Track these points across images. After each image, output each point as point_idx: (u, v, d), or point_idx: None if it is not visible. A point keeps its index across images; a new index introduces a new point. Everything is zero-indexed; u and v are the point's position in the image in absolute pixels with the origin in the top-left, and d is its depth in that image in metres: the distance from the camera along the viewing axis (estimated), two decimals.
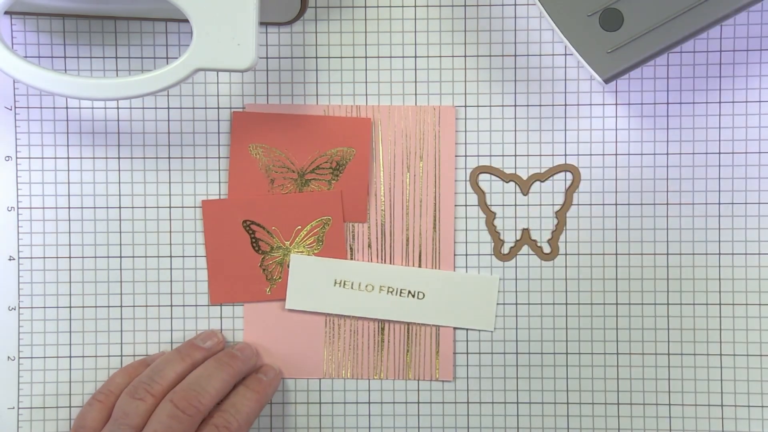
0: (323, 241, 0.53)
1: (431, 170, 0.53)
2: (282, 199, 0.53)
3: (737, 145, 0.53)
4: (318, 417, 0.54)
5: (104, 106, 0.53)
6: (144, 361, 0.53)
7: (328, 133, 0.53)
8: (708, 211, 0.53)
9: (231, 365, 0.50)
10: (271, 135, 0.53)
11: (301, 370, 0.54)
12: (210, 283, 0.54)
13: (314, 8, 0.53)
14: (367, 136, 0.53)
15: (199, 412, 0.48)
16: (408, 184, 0.53)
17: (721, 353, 0.53)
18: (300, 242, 0.53)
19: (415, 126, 0.53)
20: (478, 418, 0.54)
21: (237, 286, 0.54)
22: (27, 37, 0.53)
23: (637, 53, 0.48)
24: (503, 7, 0.53)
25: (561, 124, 0.53)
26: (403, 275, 0.53)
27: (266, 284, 0.54)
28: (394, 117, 0.53)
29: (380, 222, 0.54)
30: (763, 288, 0.53)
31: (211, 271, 0.54)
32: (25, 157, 0.54)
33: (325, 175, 0.53)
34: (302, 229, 0.53)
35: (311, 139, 0.53)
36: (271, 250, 0.53)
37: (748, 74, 0.53)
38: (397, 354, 0.54)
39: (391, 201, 0.53)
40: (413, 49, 0.53)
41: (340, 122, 0.53)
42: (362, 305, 0.53)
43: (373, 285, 0.53)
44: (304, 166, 0.53)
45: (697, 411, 0.53)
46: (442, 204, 0.53)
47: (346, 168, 0.53)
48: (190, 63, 0.47)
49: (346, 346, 0.54)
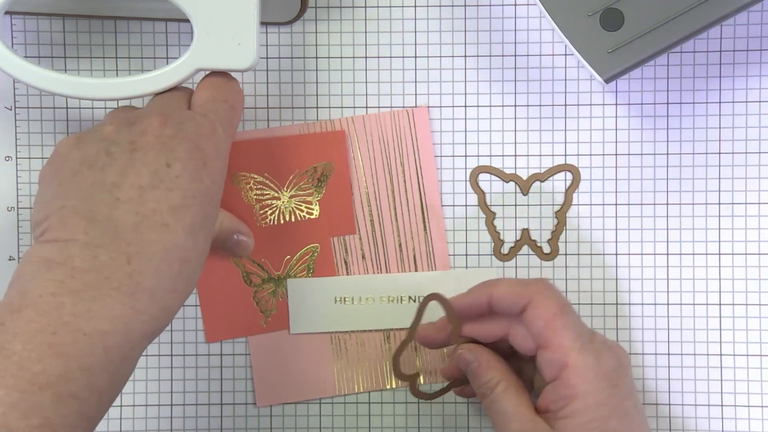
0: (313, 268, 0.53)
1: (413, 173, 0.53)
2: (269, 231, 0.53)
3: (737, 145, 0.53)
4: (318, 417, 0.54)
5: (104, 106, 0.53)
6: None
7: (305, 151, 0.53)
8: (708, 211, 0.53)
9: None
10: (248, 162, 0.53)
11: (314, 390, 0.54)
12: (205, 322, 0.53)
13: (314, 8, 0.53)
14: (343, 148, 0.53)
15: None
16: (391, 190, 0.53)
17: (721, 353, 0.53)
18: (290, 272, 0.53)
19: (391, 131, 0.53)
20: (478, 418, 0.54)
21: (232, 321, 0.53)
22: (27, 37, 0.53)
23: (638, 53, 0.48)
24: (503, 7, 0.53)
25: (561, 124, 0.53)
26: (400, 282, 0.53)
27: (261, 317, 0.53)
28: (370, 125, 0.53)
29: (370, 231, 0.53)
30: (763, 288, 0.53)
31: (205, 309, 0.53)
32: (25, 157, 0.54)
33: (309, 192, 0.53)
34: (291, 258, 0.53)
35: (288, 160, 0.53)
36: (262, 283, 0.53)
37: (748, 74, 0.53)
38: (407, 360, 0.54)
39: (378, 209, 0.53)
40: (413, 49, 0.53)
41: (314, 139, 0.53)
42: (366, 318, 0.53)
43: (373, 297, 0.53)
44: (286, 187, 0.53)
45: (697, 411, 0.53)
46: (428, 204, 0.53)
47: (328, 183, 0.53)
48: (190, 63, 0.47)
49: (355, 360, 0.54)
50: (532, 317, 0.46)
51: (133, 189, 0.42)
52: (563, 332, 0.45)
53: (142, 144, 0.43)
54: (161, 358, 0.54)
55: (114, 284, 0.41)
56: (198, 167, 0.43)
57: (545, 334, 0.45)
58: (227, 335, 0.53)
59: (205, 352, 0.54)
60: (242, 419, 0.54)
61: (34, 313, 0.39)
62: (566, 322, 0.45)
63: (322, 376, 0.54)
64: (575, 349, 0.45)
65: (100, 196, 0.42)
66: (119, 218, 0.42)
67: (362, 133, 0.53)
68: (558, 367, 0.45)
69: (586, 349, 0.45)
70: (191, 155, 0.43)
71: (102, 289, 0.40)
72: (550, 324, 0.45)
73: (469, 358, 0.48)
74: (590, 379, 0.44)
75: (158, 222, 0.42)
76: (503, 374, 0.47)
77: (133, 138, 0.43)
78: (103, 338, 0.40)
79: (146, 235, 0.42)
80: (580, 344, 0.45)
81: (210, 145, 0.44)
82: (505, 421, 0.46)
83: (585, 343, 0.45)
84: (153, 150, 0.43)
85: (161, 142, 0.43)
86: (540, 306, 0.46)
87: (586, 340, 0.45)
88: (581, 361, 0.44)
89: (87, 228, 0.41)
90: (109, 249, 0.41)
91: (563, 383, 0.45)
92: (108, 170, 0.42)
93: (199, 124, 0.44)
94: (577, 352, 0.45)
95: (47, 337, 0.39)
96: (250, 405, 0.54)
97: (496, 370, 0.48)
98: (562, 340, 0.45)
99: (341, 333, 0.54)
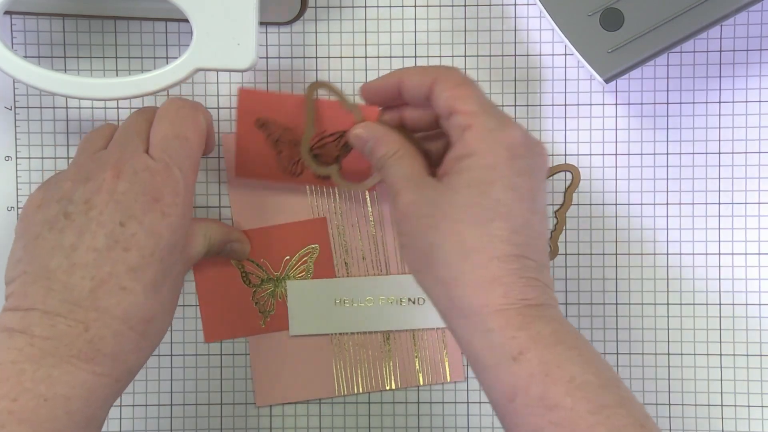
0: (312, 269, 0.53)
1: None
2: (268, 231, 0.53)
3: (737, 145, 0.53)
4: (318, 417, 0.54)
5: (104, 106, 0.53)
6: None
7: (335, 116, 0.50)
8: (708, 211, 0.53)
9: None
10: (277, 113, 0.50)
11: (314, 391, 0.54)
12: (204, 322, 0.53)
13: (314, 8, 0.53)
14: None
15: None
16: None
17: (721, 353, 0.53)
18: (290, 272, 0.53)
19: None
20: (478, 418, 0.54)
21: (231, 321, 0.53)
22: (27, 37, 0.53)
23: (638, 53, 0.48)
24: (503, 7, 0.53)
25: (561, 124, 0.53)
26: (400, 284, 0.53)
27: (260, 317, 0.53)
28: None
29: (371, 233, 0.53)
30: (763, 288, 0.53)
31: (203, 309, 0.53)
32: (25, 157, 0.54)
33: (331, 151, 0.51)
34: (291, 258, 0.53)
35: (316, 123, 0.50)
36: (261, 283, 0.53)
37: (748, 74, 0.53)
38: (406, 361, 0.54)
39: (379, 210, 0.53)
40: (413, 49, 0.53)
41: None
42: (365, 320, 0.53)
43: (372, 298, 0.53)
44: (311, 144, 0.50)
45: (697, 411, 0.53)
46: None
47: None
48: (190, 63, 0.47)
49: (354, 361, 0.54)
50: (440, 90, 0.44)
51: (90, 252, 0.42)
52: (468, 99, 0.43)
53: (97, 202, 0.43)
54: (161, 358, 0.54)
55: (73, 351, 0.41)
56: (155, 221, 0.43)
57: (451, 103, 0.43)
58: (226, 335, 0.53)
59: (205, 352, 0.54)
60: (242, 419, 0.54)
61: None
62: (471, 91, 0.44)
63: (321, 376, 0.53)
64: (479, 114, 0.43)
65: (58, 262, 0.42)
66: (76, 284, 0.42)
67: None
68: (461, 130, 0.43)
69: (489, 114, 0.43)
70: (147, 209, 0.43)
71: (62, 356, 0.41)
72: (456, 93, 0.44)
73: (365, 135, 0.47)
74: (487, 140, 0.43)
75: (116, 286, 0.42)
76: (401, 144, 0.46)
77: (88, 196, 0.43)
78: (65, 403, 0.40)
79: (104, 300, 0.42)
80: (483, 110, 0.43)
81: (167, 192, 0.44)
82: (394, 184, 0.44)
83: (489, 110, 0.43)
84: (107, 208, 0.43)
85: (116, 199, 0.43)
86: (446, 80, 0.44)
87: (492, 108, 0.44)
88: (482, 122, 0.43)
89: (45, 297, 0.42)
90: (67, 318, 0.41)
91: (462, 144, 0.43)
92: (66, 232, 0.43)
93: (154, 171, 0.44)
94: (481, 116, 0.43)
95: (8, 404, 0.40)
96: (250, 405, 0.54)
97: (394, 142, 0.46)
98: (468, 105, 0.43)
99: (341, 334, 0.54)
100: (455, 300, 0.42)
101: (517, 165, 0.42)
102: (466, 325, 0.42)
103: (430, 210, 0.43)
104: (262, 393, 0.54)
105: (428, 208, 0.43)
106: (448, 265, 0.42)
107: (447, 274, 0.42)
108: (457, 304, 0.42)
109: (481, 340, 0.41)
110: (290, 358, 0.53)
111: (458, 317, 0.42)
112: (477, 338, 0.41)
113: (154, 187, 0.43)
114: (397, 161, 0.45)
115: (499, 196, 0.42)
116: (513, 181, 0.42)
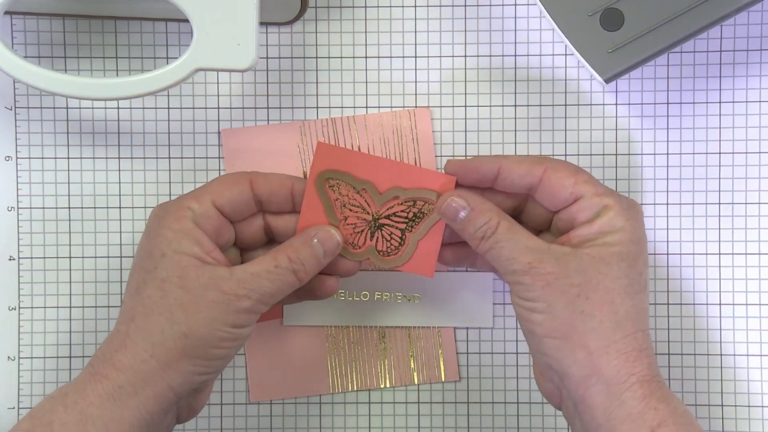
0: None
1: None
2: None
3: (737, 145, 0.53)
4: (318, 417, 0.54)
5: (104, 106, 0.53)
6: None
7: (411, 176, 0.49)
8: (708, 211, 0.53)
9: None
10: (353, 169, 0.49)
11: (307, 387, 0.54)
12: None
13: (314, 8, 0.53)
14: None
15: None
16: None
17: (721, 353, 0.53)
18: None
19: (392, 131, 0.53)
20: (478, 418, 0.54)
21: None
22: (27, 37, 0.53)
23: (638, 53, 0.48)
24: (503, 7, 0.53)
25: (561, 124, 0.53)
26: (396, 280, 0.53)
27: None
28: (372, 125, 0.53)
29: None
30: (763, 288, 0.53)
31: None
32: (25, 157, 0.54)
33: (399, 223, 0.49)
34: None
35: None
36: None
37: (748, 74, 0.53)
38: (401, 360, 0.54)
39: None
40: (413, 49, 0.53)
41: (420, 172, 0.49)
42: (360, 314, 0.53)
43: (367, 293, 0.53)
44: (379, 211, 0.49)
45: (697, 411, 0.53)
46: None
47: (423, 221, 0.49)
48: (190, 63, 0.47)
49: (349, 359, 0.54)
50: (557, 178, 0.46)
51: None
52: (594, 183, 0.46)
53: None
54: None
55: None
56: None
57: (580, 188, 0.45)
58: None
59: None
60: (242, 419, 0.54)
61: None
62: (589, 176, 0.46)
63: (316, 373, 0.54)
64: (610, 194, 0.45)
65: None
66: None
67: (363, 132, 0.53)
68: (597, 210, 0.45)
69: (614, 193, 0.46)
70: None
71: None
72: (579, 179, 0.46)
73: (461, 203, 0.46)
74: (629, 218, 0.45)
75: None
76: (501, 215, 0.46)
77: None
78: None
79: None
80: (609, 190, 0.46)
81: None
82: (515, 256, 0.45)
83: (610, 190, 0.46)
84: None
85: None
86: (563, 168, 0.46)
87: (607, 187, 0.46)
88: (617, 201, 0.45)
89: None
90: None
91: (606, 220, 0.45)
92: None
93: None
94: (613, 196, 0.45)
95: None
96: (249, 405, 0.54)
97: (493, 211, 0.46)
98: (597, 188, 0.45)
99: (336, 331, 0.54)
100: (602, 368, 0.43)
101: (643, 241, 0.46)
102: (604, 392, 0.43)
103: (579, 279, 0.44)
104: (256, 388, 0.54)
105: (577, 277, 0.44)
106: (600, 334, 0.44)
107: (596, 342, 0.44)
108: (600, 371, 0.43)
109: (620, 408, 0.43)
110: (285, 354, 0.53)
111: (597, 383, 0.43)
112: (615, 405, 0.43)
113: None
114: (508, 232, 0.45)
115: (641, 269, 0.45)
116: (648, 256, 0.46)
